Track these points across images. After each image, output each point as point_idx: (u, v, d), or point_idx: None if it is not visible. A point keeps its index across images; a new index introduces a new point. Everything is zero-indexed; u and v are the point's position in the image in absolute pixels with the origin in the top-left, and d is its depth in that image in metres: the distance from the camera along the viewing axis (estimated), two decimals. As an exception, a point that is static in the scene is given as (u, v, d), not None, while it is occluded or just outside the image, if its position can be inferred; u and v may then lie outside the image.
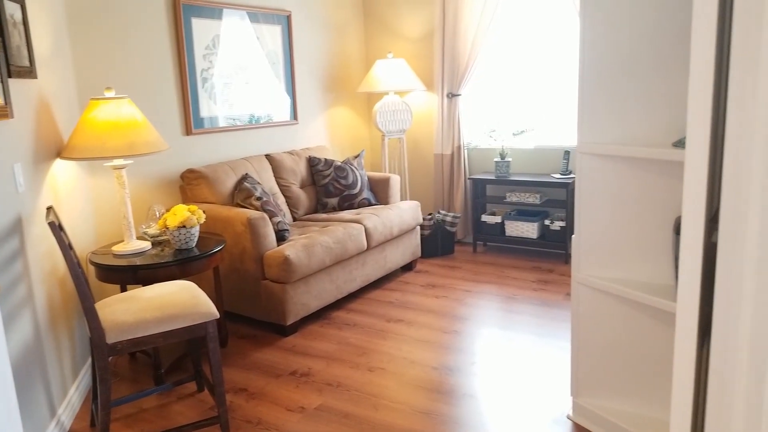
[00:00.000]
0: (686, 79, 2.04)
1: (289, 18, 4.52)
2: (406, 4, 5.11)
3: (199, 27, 3.81)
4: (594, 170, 2.24)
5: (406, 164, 5.14)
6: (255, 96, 4.30)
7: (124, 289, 3.04)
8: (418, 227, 4.48)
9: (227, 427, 2.37)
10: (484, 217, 4.83)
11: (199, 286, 3.64)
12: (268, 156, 4.20)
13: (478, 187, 4.87)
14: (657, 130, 2.13)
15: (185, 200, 3.73)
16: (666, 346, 2.22)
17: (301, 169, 4.32)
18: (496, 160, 4.70)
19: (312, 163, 4.37)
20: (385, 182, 4.44)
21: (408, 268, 4.52)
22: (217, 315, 2.33)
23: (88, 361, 3.02)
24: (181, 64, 3.71)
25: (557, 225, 4.48)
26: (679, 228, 1.31)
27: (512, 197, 4.66)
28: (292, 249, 3.30)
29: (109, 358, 2.19)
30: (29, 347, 2.24)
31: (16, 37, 2.34)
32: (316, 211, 4.34)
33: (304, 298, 3.42)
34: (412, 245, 4.42)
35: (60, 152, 2.82)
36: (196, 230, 2.96)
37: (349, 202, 4.30)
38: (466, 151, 5.01)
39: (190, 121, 3.79)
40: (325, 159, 4.37)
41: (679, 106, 2.07)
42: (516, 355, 3.04)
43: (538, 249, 4.91)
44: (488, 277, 4.28)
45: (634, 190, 2.20)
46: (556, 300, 3.77)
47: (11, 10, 2.31)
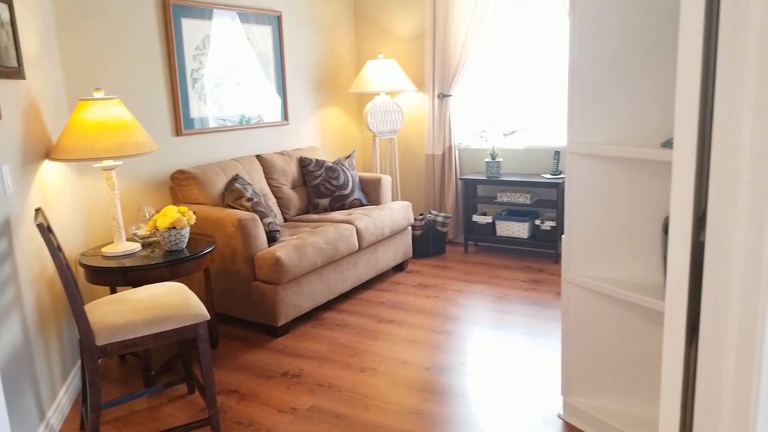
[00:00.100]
0: (675, 79, 2.05)
1: (279, 18, 4.51)
2: (396, 5, 5.12)
3: (189, 27, 3.79)
4: (583, 170, 2.26)
5: (397, 165, 5.15)
6: (245, 96, 4.29)
7: (113, 291, 3.03)
8: (410, 227, 4.48)
9: (218, 429, 2.36)
10: (475, 218, 4.85)
11: (190, 288, 3.63)
12: (258, 157, 4.19)
13: (469, 187, 4.88)
14: (646, 130, 2.15)
15: (175, 201, 3.72)
16: (656, 344, 2.24)
17: (292, 170, 4.31)
18: (486, 160, 4.71)
19: (303, 163, 4.36)
20: (377, 183, 4.44)
21: (399, 268, 4.52)
22: (208, 316, 2.33)
23: (78, 363, 3.00)
24: (171, 64, 3.69)
25: (548, 225, 4.50)
26: (668, 227, 1.32)
27: (503, 197, 4.68)
28: (283, 250, 3.29)
29: (99, 360, 2.17)
30: (18, 350, 2.22)
31: (3, 38, 2.32)
32: (307, 212, 4.33)
33: (296, 299, 3.42)
34: (404, 245, 4.43)
35: (49, 153, 2.80)
36: (187, 231, 2.95)
37: (341, 203, 4.30)
38: (457, 152, 5.02)
39: (180, 122, 3.77)
40: (316, 159, 4.36)
41: (669, 106, 2.09)
42: (507, 355, 3.05)
43: (528, 249, 4.93)
44: (479, 277, 4.30)
45: (624, 190, 2.21)
46: (547, 300, 3.79)
47: (-2, 10, 2.29)
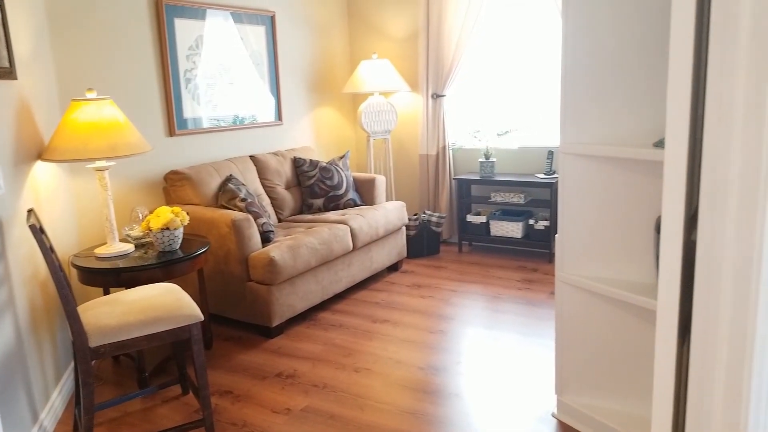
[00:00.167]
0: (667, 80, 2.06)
1: (273, 18, 4.50)
2: (390, 5, 5.12)
3: (182, 27, 3.78)
4: (576, 170, 2.26)
5: (391, 165, 5.15)
6: (239, 97, 4.28)
7: (107, 292, 3.01)
8: (404, 228, 4.48)
9: (212, 430, 2.35)
10: (469, 217, 4.85)
11: (184, 289, 3.62)
12: (252, 157, 4.18)
13: (463, 187, 4.89)
14: (640, 130, 2.16)
15: (169, 202, 3.71)
16: (649, 343, 2.25)
17: (286, 170, 4.31)
18: (480, 160, 4.72)
19: (297, 164, 4.36)
20: (371, 183, 4.44)
21: (394, 268, 4.52)
22: (202, 317, 2.32)
23: (71, 365, 2.98)
24: (164, 64, 3.68)
25: (541, 224, 4.51)
26: (660, 227, 1.33)
27: (497, 197, 4.68)
28: (277, 250, 3.29)
29: (92, 361, 2.17)
30: (10, 351, 2.21)
31: (-6, 38, 2.31)
32: (301, 212, 4.33)
33: (290, 300, 3.41)
34: (398, 246, 4.43)
35: (41, 154, 2.78)
36: (180, 232, 2.94)
37: (335, 203, 4.29)
38: (451, 152, 5.03)
39: (174, 122, 3.76)
40: (310, 160, 4.36)
41: (662, 105, 2.10)
42: (501, 354, 3.05)
43: (522, 248, 4.94)
44: (473, 276, 4.30)
45: (617, 190, 2.22)
46: (541, 299, 3.80)
47: (-10, 10, 2.28)
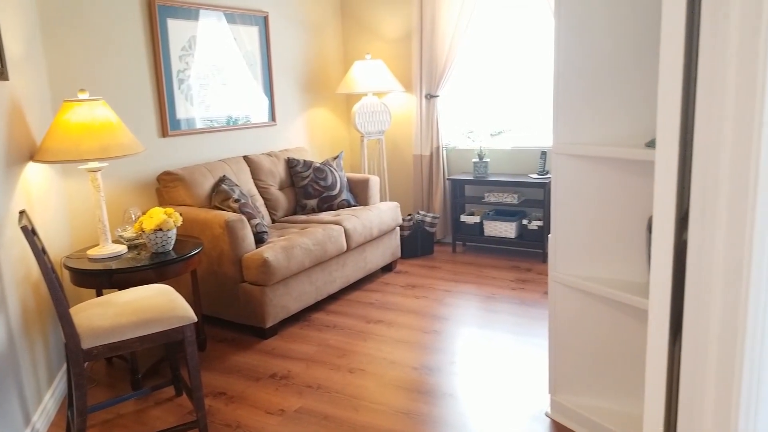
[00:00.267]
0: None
1: (266, 19, 4.50)
2: (383, 6, 5.12)
3: (175, 28, 3.77)
4: (569, 170, 2.27)
5: (385, 165, 5.15)
6: (232, 97, 4.27)
7: (99, 294, 3.00)
8: (398, 228, 4.49)
9: (206, 432, 2.35)
10: (463, 218, 4.86)
11: (177, 290, 3.61)
12: (246, 158, 4.17)
13: (457, 187, 4.89)
14: (633, 130, 2.17)
15: (162, 203, 3.69)
16: (642, 342, 2.26)
17: (280, 171, 4.30)
18: (474, 160, 4.73)
19: (291, 164, 4.35)
20: (365, 183, 4.44)
21: (388, 268, 4.52)
22: (195, 318, 2.32)
23: (64, 367, 2.97)
24: (157, 65, 3.67)
25: (535, 224, 4.53)
26: (652, 227, 1.33)
27: (490, 197, 4.69)
28: (271, 251, 3.29)
29: (85, 363, 2.16)
30: (2, 354, 2.20)
31: (-15, 38, 2.30)
32: (295, 213, 4.32)
33: (284, 301, 3.41)
34: (392, 246, 4.43)
35: (33, 155, 2.77)
36: (173, 233, 2.93)
37: (329, 204, 4.29)
38: (444, 152, 5.04)
39: (167, 123, 3.75)
40: (304, 160, 4.36)
41: (654, 106, 2.11)
42: (495, 354, 3.06)
43: (516, 248, 4.96)
44: (467, 276, 4.31)
45: (609, 190, 2.23)
46: (535, 299, 3.81)
47: (-19, 10, 2.27)
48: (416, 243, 4.82)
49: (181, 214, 3.22)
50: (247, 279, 3.31)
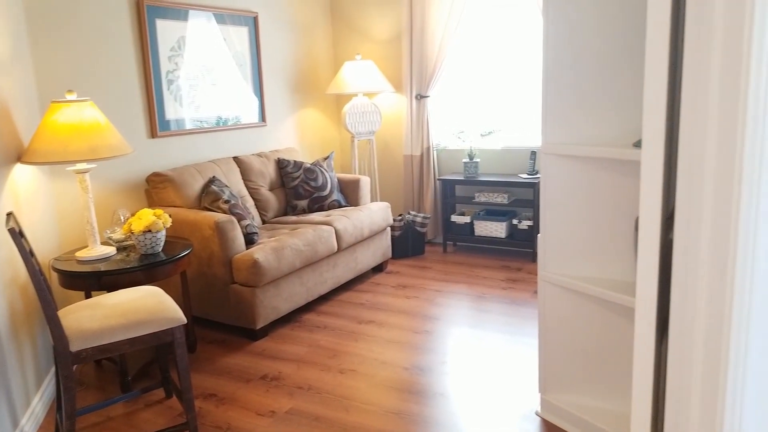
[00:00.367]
0: (645, 81, 2.09)
1: (255, 19, 4.49)
2: (373, 6, 5.12)
3: (164, 28, 3.75)
4: (557, 170, 2.29)
5: (375, 165, 5.15)
6: (222, 98, 4.26)
7: (88, 296, 2.98)
8: (389, 228, 4.49)
9: (196, 434, 2.34)
10: (454, 218, 4.87)
11: (166, 292, 3.59)
12: (236, 158, 4.16)
13: (448, 187, 4.90)
14: (622, 130, 2.18)
15: (151, 204, 3.68)
16: (630, 341, 2.27)
17: (270, 172, 4.29)
18: (464, 161, 4.74)
19: (281, 165, 4.35)
20: (355, 184, 4.44)
21: (379, 269, 4.53)
22: (184, 320, 2.31)
23: (52, 369, 2.95)
24: (146, 65, 3.65)
25: (525, 224, 4.54)
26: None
27: (481, 197, 4.71)
28: (261, 252, 3.28)
29: (74, 366, 2.14)
30: (-11, 357, 2.18)
31: (-29, 39, 2.28)
32: (285, 214, 4.31)
33: (274, 302, 3.40)
34: (383, 246, 4.43)
35: (20, 156, 2.75)
36: (162, 234, 2.92)
37: (319, 204, 4.29)
38: (435, 152, 5.05)
39: (155, 124, 3.73)
40: (294, 161, 4.35)
41: (642, 106, 2.12)
42: (486, 354, 3.07)
43: (506, 248, 4.97)
44: (458, 276, 4.32)
45: (598, 189, 2.24)
46: (525, 298, 3.82)
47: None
48: (407, 243, 4.83)
49: (170, 216, 3.20)
50: (238, 280, 3.30)
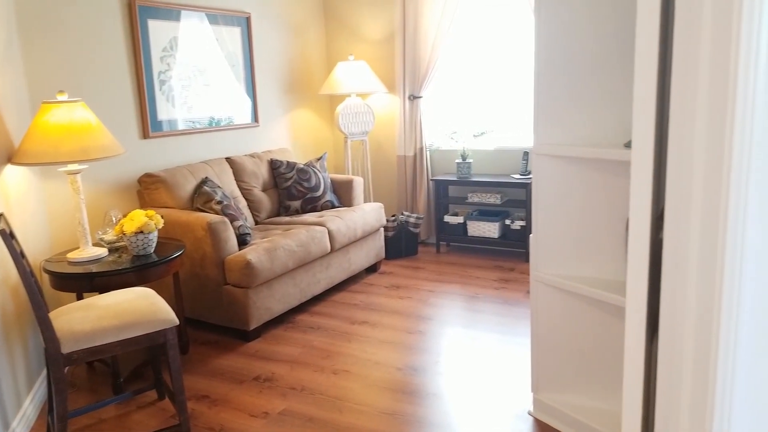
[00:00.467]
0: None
1: (248, 20, 4.48)
2: (366, 7, 5.12)
3: (156, 29, 3.74)
4: (549, 170, 2.29)
5: (369, 166, 5.15)
6: (215, 98, 4.25)
7: (80, 297, 2.97)
8: (382, 229, 4.49)
9: (189, 435, 2.34)
10: (447, 218, 4.88)
11: (159, 293, 3.58)
12: (228, 159, 4.15)
13: (441, 188, 4.91)
14: (614, 130, 2.19)
15: (143, 205, 3.66)
16: (622, 340, 2.28)
17: (263, 172, 4.28)
18: (457, 161, 4.75)
19: (274, 165, 4.34)
20: (349, 184, 4.44)
21: (372, 269, 4.53)
22: (177, 322, 2.30)
23: (44, 371, 2.93)
24: (138, 66, 3.63)
25: (518, 224, 4.56)
26: (629, 226, 1.35)
27: (474, 198, 4.72)
28: (254, 253, 3.27)
29: (65, 368, 2.13)
30: (-21, 359, 2.17)
31: (-39, 39, 2.26)
32: (278, 215, 4.31)
33: (267, 303, 3.40)
34: (376, 247, 4.43)
35: (11, 157, 2.73)
36: (154, 236, 2.91)
37: (312, 205, 4.28)
38: (428, 153, 5.05)
39: (148, 125, 3.72)
40: (287, 161, 4.35)
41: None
42: (479, 354, 3.08)
43: (499, 248, 4.98)
44: (451, 277, 4.33)
45: (590, 190, 2.25)
46: (518, 298, 3.83)
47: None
48: (400, 243, 4.83)
49: (162, 217, 3.19)
50: (230, 281, 3.29)
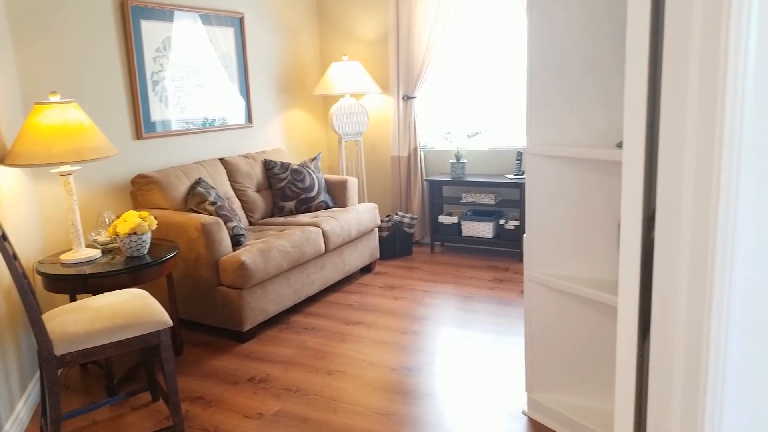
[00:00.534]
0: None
1: (242, 20, 4.47)
2: (360, 7, 5.12)
3: (149, 29, 3.73)
4: (542, 170, 2.30)
5: (363, 166, 5.15)
6: (208, 99, 4.24)
7: (73, 299, 2.96)
8: (376, 229, 4.49)
9: (183, 437, 2.33)
10: (441, 218, 4.89)
11: (152, 294, 3.57)
12: (222, 160, 4.14)
13: (435, 188, 4.92)
14: (607, 131, 2.20)
15: (136, 206, 3.65)
16: (615, 340, 2.29)
17: (257, 173, 4.28)
18: (451, 161, 4.76)
19: (268, 166, 4.33)
20: (343, 185, 4.44)
21: (367, 270, 4.53)
22: (170, 323, 2.29)
23: (37, 374, 2.92)
24: (131, 67, 3.62)
25: (511, 224, 4.57)
26: (621, 226, 1.35)
27: (468, 198, 4.73)
28: (248, 254, 3.27)
29: (59, 370, 2.13)
30: (-28, 362, 2.16)
31: (-48, 40, 2.25)
32: (272, 215, 4.30)
33: (262, 303, 3.39)
34: (371, 247, 4.43)
35: (3, 159, 2.72)
36: (148, 237, 2.90)
37: (307, 206, 4.28)
38: (422, 153, 5.06)
39: (141, 125, 3.71)
40: (281, 162, 4.34)
41: (623, 108, 2.14)
42: (473, 354, 3.08)
43: (493, 248, 5.00)
44: (446, 277, 4.33)
45: (583, 190, 2.26)
46: (512, 298, 3.84)
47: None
48: (395, 244, 4.83)
49: (156, 218, 3.19)
50: (224, 282, 3.29)
